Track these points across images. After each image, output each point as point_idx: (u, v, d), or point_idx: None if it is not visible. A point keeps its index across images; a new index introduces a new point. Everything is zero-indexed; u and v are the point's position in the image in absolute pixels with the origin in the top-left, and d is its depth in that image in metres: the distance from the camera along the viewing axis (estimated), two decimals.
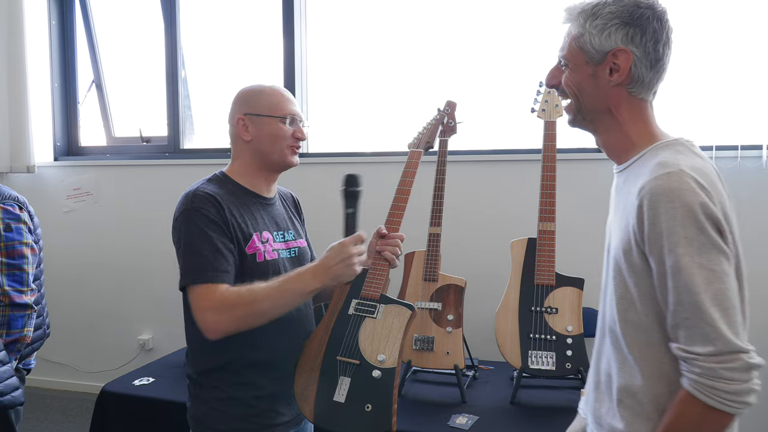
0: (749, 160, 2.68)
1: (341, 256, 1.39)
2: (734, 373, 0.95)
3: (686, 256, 0.96)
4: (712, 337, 0.95)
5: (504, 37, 3.08)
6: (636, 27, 1.08)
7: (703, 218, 0.96)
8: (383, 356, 1.48)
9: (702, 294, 0.96)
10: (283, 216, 1.64)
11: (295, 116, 1.55)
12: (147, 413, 2.30)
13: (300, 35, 3.43)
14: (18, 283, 1.95)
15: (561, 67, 1.15)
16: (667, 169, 1.00)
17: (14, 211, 2.00)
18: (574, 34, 1.11)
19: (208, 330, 1.37)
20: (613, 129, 1.14)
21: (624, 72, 1.08)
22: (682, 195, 0.97)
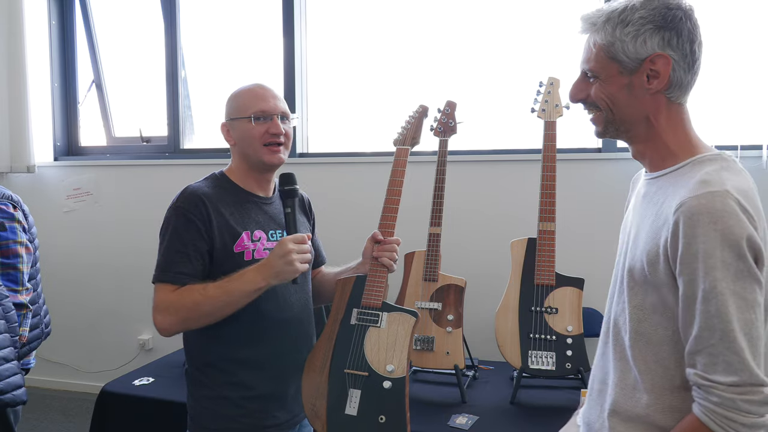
0: (749, 160, 2.68)
1: (280, 253, 1.38)
2: (753, 406, 0.92)
3: (723, 281, 0.92)
4: (737, 367, 0.92)
5: (504, 37, 3.08)
6: (671, 30, 1.02)
7: (744, 244, 0.92)
8: (392, 366, 1.47)
9: (734, 322, 0.92)
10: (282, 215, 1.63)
11: (264, 112, 1.50)
12: (147, 413, 2.30)
13: (300, 35, 3.42)
14: (13, 282, 1.95)
15: (588, 80, 1.10)
16: (711, 188, 0.95)
17: (8, 210, 1.99)
18: (602, 43, 1.05)
19: (158, 329, 1.42)
20: (651, 137, 1.08)
21: (664, 78, 1.03)
22: (724, 218, 0.92)
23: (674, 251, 0.97)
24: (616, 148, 2.89)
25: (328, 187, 3.19)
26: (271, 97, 1.54)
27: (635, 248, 1.08)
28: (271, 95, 1.54)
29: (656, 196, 1.06)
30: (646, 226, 1.06)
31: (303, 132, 3.44)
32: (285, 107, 1.56)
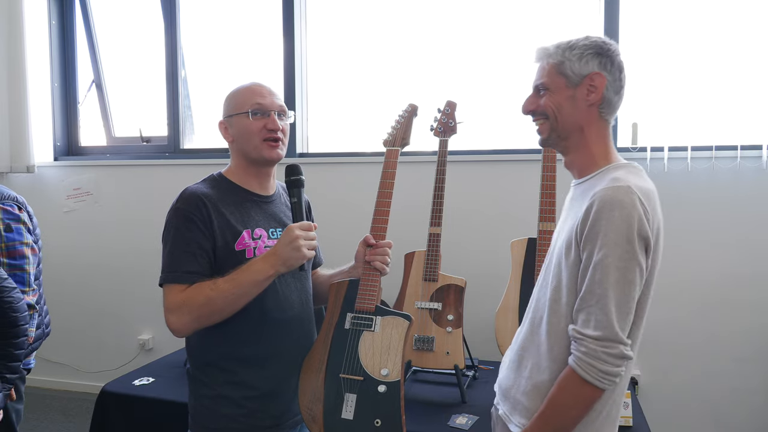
0: (749, 160, 2.68)
1: (287, 240, 1.40)
2: (610, 357, 1.15)
3: (610, 257, 1.14)
4: (603, 324, 1.15)
5: (504, 37, 3.08)
6: (606, 57, 1.27)
7: (635, 232, 1.14)
8: (386, 370, 1.48)
9: (610, 290, 1.14)
10: (282, 213, 1.63)
11: (261, 107, 1.51)
12: (147, 413, 2.30)
13: (300, 35, 3.43)
14: (20, 283, 1.95)
15: (538, 95, 1.33)
16: (618, 183, 1.18)
17: (14, 212, 2.00)
18: (553, 62, 1.29)
19: (172, 330, 1.42)
20: (581, 147, 1.31)
21: (599, 92, 1.26)
22: (624, 207, 1.14)
23: (582, 232, 1.18)
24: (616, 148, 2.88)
25: (328, 187, 3.19)
26: (267, 93, 1.54)
27: (560, 242, 1.29)
28: (267, 91, 1.54)
29: (581, 196, 1.28)
30: (570, 221, 1.27)
31: (303, 132, 3.44)
32: (282, 103, 1.56)
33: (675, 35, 2.87)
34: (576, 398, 1.19)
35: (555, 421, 1.21)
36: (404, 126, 1.67)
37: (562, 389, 1.20)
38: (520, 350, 1.35)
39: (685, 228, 2.76)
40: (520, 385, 1.31)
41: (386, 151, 1.67)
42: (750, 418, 2.74)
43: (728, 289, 2.74)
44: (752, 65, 2.77)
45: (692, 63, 2.83)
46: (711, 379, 2.77)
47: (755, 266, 2.71)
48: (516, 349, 1.37)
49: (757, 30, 2.76)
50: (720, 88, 2.79)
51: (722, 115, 2.77)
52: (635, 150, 2.81)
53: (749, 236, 2.71)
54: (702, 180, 2.74)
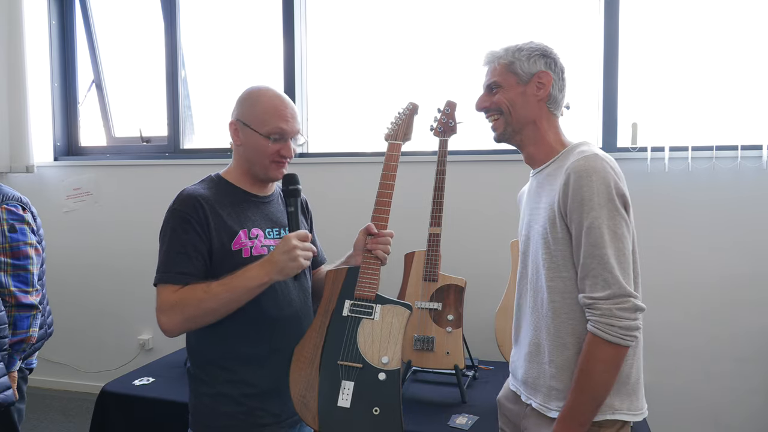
0: (749, 160, 2.68)
1: (284, 248, 1.40)
2: (625, 312, 1.21)
3: (598, 219, 1.23)
4: (610, 282, 1.22)
5: (504, 37, 3.07)
6: (550, 59, 1.42)
7: (613, 191, 1.24)
8: (387, 358, 1.47)
9: (607, 248, 1.22)
10: (279, 213, 1.63)
11: (283, 134, 1.50)
12: (147, 413, 2.30)
13: (300, 36, 3.43)
14: (23, 283, 1.96)
15: (491, 93, 1.44)
16: (587, 153, 1.28)
17: (18, 212, 2.00)
18: (504, 62, 1.42)
19: (163, 330, 1.42)
20: (538, 139, 1.42)
21: (547, 89, 1.39)
22: (598, 172, 1.24)
23: (564, 204, 1.27)
24: (616, 148, 2.89)
25: (328, 187, 3.19)
26: (290, 117, 1.52)
27: (535, 227, 1.38)
28: (290, 114, 1.53)
29: (546, 180, 1.38)
30: (542, 204, 1.36)
31: (303, 132, 3.44)
32: (299, 127, 1.56)
33: (675, 35, 2.87)
34: (604, 362, 1.23)
35: (590, 389, 1.25)
36: (406, 122, 1.67)
37: (589, 356, 1.24)
38: (534, 341, 1.38)
39: (685, 228, 2.76)
40: (545, 372, 1.35)
41: (388, 144, 1.65)
42: (750, 418, 2.74)
43: (728, 289, 2.74)
44: (753, 65, 2.77)
45: (693, 63, 2.83)
46: (711, 380, 2.77)
47: (756, 266, 2.71)
48: (528, 342, 1.41)
49: (757, 30, 2.76)
50: (720, 87, 2.79)
51: (723, 115, 2.77)
52: (635, 150, 2.81)
53: (749, 236, 2.71)
54: (702, 180, 2.74)
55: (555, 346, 1.32)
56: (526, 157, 1.47)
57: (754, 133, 2.72)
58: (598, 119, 2.96)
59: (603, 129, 2.94)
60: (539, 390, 1.36)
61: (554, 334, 1.32)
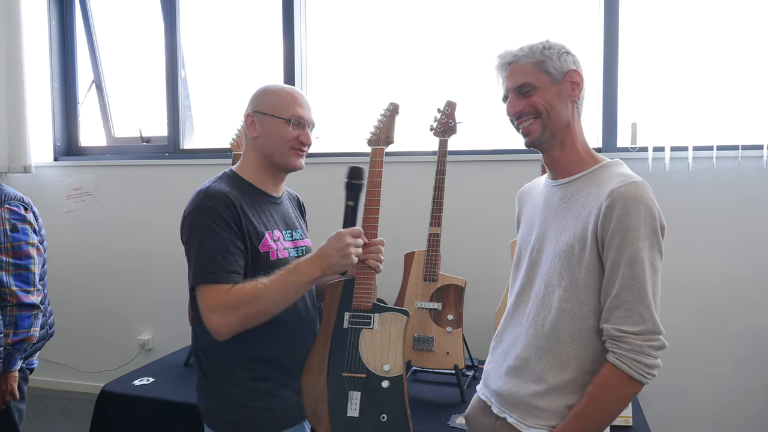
0: (750, 160, 2.68)
1: (337, 246, 1.41)
2: (653, 350, 1.17)
3: (643, 251, 1.17)
4: (646, 317, 1.17)
5: (504, 37, 3.08)
6: (575, 57, 1.34)
7: (657, 223, 1.20)
8: (388, 366, 1.49)
9: (647, 282, 1.17)
10: (291, 215, 1.64)
11: (302, 120, 1.53)
12: (147, 413, 2.30)
13: (300, 35, 3.43)
14: (25, 283, 1.96)
15: (523, 95, 1.32)
16: (633, 179, 1.21)
17: (20, 212, 2.01)
18: (534, 61, 1.31)
19: (216, 332, 1.38)
20: (568, 144, 1.33)
21: (580, 88, 1.32)
22: (646, 201, 1.19)
23: (604, 229, 1.20)
24: (616, 148, 2.89)
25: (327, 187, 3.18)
26: (307, 106, 1.57)
27: (555, 243, 1.29)
28: (307, 104, 1.57)
29: (576, 196, 1.29)
30: (570, 221, 1.28)
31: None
32: (314, 118, 1.59)
33: (675, 35, 2.86)
34: (620, 396, 1.19)
35: (596, 418, 1.22)
36: (387, 125, 1.68)
37: (605, 387, 1.20)
38: (523, 356, 1.33)
39: (685, 228, 2.76)
40: (527, 389, 1.30)
41: (372, 150, 1.67)
42: (750, 418, 2.74)
43: (729, 289, 2.74)
44: (753, 65, 2.77)
45: (693, 63, 2.83)
46: (711, 380, 2.77)
47: (756, 266, 2.71)
48: (515, 356, 1.35)
49: (757, 29, 2.76)
50: (721, 87, 2.79)
51: (723, 114, 2.77)
52: (635, 150, 2.81)
53: (750, 236, 2.71)
54: (703, 180, 2.74)
55: (551, 367, 1.27)
56: (548, 160, 1.36)
57: (754, 133, 2.72)
58: (598, 119, 2.96)
59: (603, 129, 2.93)
60: (517, 406, 1.32)
61: (553, 355, 1.27)
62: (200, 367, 1.55)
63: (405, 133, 3.11)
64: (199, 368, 1.55)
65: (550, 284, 1.29)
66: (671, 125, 2.80)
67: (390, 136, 1.68)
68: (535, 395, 1.28)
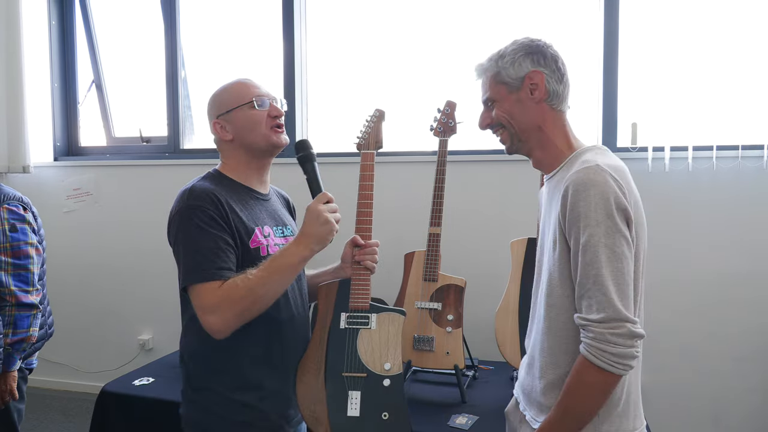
0: (750, 160, 2.68)
1: (312, 217, 1.41)
2: (619, 339, 1.12)
3: (595, 236, 1.14)
4: (604, 305, 1.13)
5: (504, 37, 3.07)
6: (537, 53, 1.30)
7: (613, 206, 1.15)
8: (389, 364, 1.51)
9: (603, 268, 1.14)
10: (280, 212, 1.63)
11: (261, 96, 1.52)
12: (147, 413, 2.30)
13: (300, 35, 3.43)
14: (24, 283, 1.96)
15: (489, 109, 1.36)
16: (587, 164, 1.19)
17: (19, 212, 2.01)
18: (491, 74, 1.34)
19: (215, 331, 1.35)
20: (545, 144, 1.33)
21: (542, 88, 1.29)
22: (597, 185, 1.15)
23: (564, 218, 1.20)
24: (616, 148, 2.89)
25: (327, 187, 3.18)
26: (260, 84, 1.57)
27: (546, 236, 1.31)
28: (259, 83, 1.57)
29: (555, 189, 1.29)
30: (552, 215, 1.29)
31: (303, 132, 3.44)
32: (273, 93, 1.58)
33: (675, 35, 2.86)
34: (592, 387, 1.16)
35: (572, 412, 1.19)
36: (375, 130, 1.69)
37: (577, 379, 1.18)
38: (531, 352, 1.36)
39: (685, 228, 2.76)
40: (537, 387, 1.30)
41: (362, 154, 1.67)
42: (749, 417, 2.74)
43: (728, 288, 2.74)
44: (753, 65, 2.77)
45: (693, 63, 2.83)
46: (710, 379, 2.77)
47: (755, 266, 2.71)
48: (528, 353, 1.38)
49: (757, 29, 2.76)
50: (721, 87, 2.79)
51: (723, 114, 2.77)
52: (635, 150, 2.81)
53: (750, 236, 2.71)
54: (703, 180, 2.74)
55: (547, 363, 1.27)
56: (534, 162, 1.39)
57: (754, 132, 2.72)
58: (598, 119, 2.96)
59: (603, 129, 2.93)
60: (532, 403, 1.33)
61: (548, 350, 1.27)
62: (185, 370, 1.52)
63: (405, 133, 3.12)
64: (184, 371, 1.52)
65: (541, 280, 1.33)
66: (671, 125, 2.80)
67: (379, 141, 1.68)
68: (542, 393, 1.28)
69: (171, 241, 1.45)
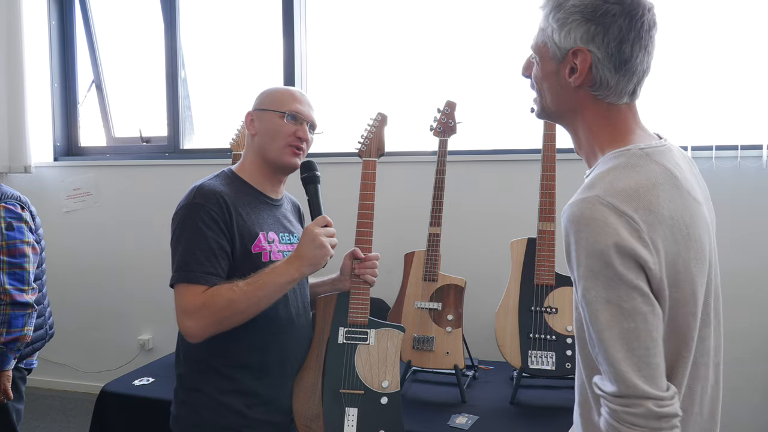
0: (749, 160, 2.68)
1: (308, 239, 1.39)
2: (638, 419, 0.86)
3: (592, 290, 0.88)
4: (615, 378, 0.88)
5: (504, 36, 3.08)
6: (598, 25, 0.94)
7: (611, 252, 0.86)
8: (387, 382, 1.50)
9: (605, 332, 0.88)
10: (289, 219, 1.62)
11: (298, 114, 1.51)
12: (147, 413, 2.29)
13: (300, 35, 3.43)
14: (19, 281, 1.96)
15: (531, 59, 1.08)
16: (584, 195, 0.91)
17: (16, 210, 2.01)
18: (541, 26, 1.02)
19: (188, 334, 1.35)
20: (581, 132, 1.04)
21: (582, 74, 0.97)
22: (590, 226, 0.88)
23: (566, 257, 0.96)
24: None
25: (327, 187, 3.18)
26: (308, 104, 1.55)
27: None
28: (308, 103, 1.56)
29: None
30: None
31: None
32: (315, 118, 1.57)
33: (675, 35, 2.86)
34: None
35: None
36: (377, 135, 1.67)
37: None
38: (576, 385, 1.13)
39: None
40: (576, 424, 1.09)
41: (363, 161, 1.64)
42: (750, 417, 2.74)
43: (728, 288, 2.71)
44: (753, 64, 2.77)
45: (692, 63, 2.83)
46: None
47: (755, 266, 2.71)
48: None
49: (757, 29, 2.76)
50: (720, 87, 2.79)
51: (723, 114, 2.77)
52: None
53: (749, 236, 2.71)
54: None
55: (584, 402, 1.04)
56: (576, 147, 1.09)
57: (754, 132, 2.72)
58: None
59: None
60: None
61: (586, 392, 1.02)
62: (178, 369, 1.52)
63: (405, 133, 3.12)
64: (177, 371, 1.52)
65: None
66: (670, 125, 2.80)
67: (381, 147, 1.67)
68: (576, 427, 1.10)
69: (172, 235, 1.45)
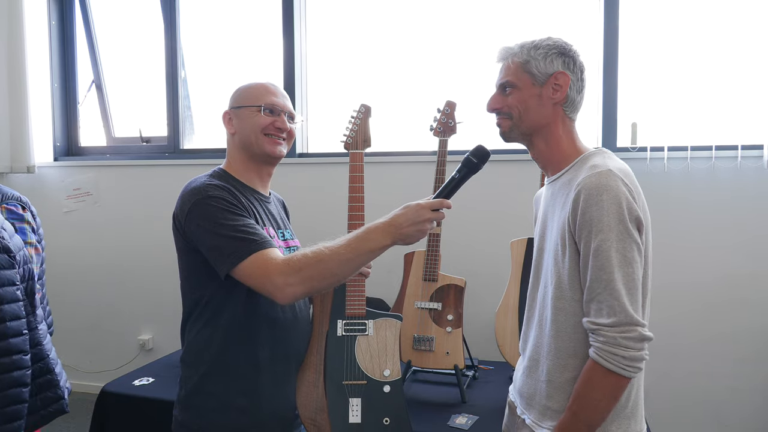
0: (749, 160, 2.68)
1: (415, 218, 1.34)
2: (630, 342, 1.14)
3: (607, 241, 1.15)
4: (616, 309, 1.14)
5: (504, 36, 3.08)
6: (569, 57, 1.31)
7: (625, 212, 1.16)
8: (388, 371, 1.52)
9: (614, 273, 1.15)
10: (280, 215, 1.63)
11: (274, 106, 1.51)
12: (147, 413, 2.30)
13: (300, 35, 3.43)
14: None
15: (504, 93, 1.35)
16: (599, 169, 1.19)
17: (18, 211, 2.01)
18: (519, 61, 1.31)
19: (279, 294, 1.27)
20: (551, 144, 1.34)
21: (564, 91, 1.29)
22: (609, 190, 1.16)
23: (574, 223, 1.20)
24: (616, 148, 2.89)
25: (327, 187, 3.19)
26: (281, 95, 1.55)
27: (548, 241, 1.32)
28: (281, 93, 1.56)
29: (559, 192, 1.30)
30: (556, 218, 1.29)
31: (303, 132, 3.44)
32: (292, 108, 1.57)
33: (675, 35, 2.87)
34: (603, 390, 1.17)
35: (585, 416, 1.19)
36: (362, 127, 1.67)
37: (588, 382, 1.18)
38: (533, 355, 1.34)
39: (685, 228, 2.76)
40: (541, 390, 1.30)
41: (350, 154, 1.64)
42: (750, 417, 2.74)
43: (728, 288, 2.74)
44: (753, 65, 2.77)
45: (692, 63, 2.83)
46: (711, 379, 2.77)
47: (755, 266, 2.71)
48: (528, 355, 1.37)
49: (757, 29, 2.76)
50: (720, 87, 2.79)
51: (722, 114, 2.77)
52: (635, 150, 2.81)
53: (749, 236, 2.71)
54: (702, 180, 2.74)
55: (555, 366, 1.27)
56: (534, 154, 1.39)
57: (754, 132, 2.72)
58: (598, 119, 2.96)
59: (603, 129, 2.94)
60: (533, 407, 1.32)
61: (555, 353, 1.27)
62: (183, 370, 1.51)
63: (405, 133, 3.12)
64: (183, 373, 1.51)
65: (547, 283, 1.31)
66: (670, 125, 2.80)
67: (367, 138, 1.67)
68: (548, 397, 1.28)
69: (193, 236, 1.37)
